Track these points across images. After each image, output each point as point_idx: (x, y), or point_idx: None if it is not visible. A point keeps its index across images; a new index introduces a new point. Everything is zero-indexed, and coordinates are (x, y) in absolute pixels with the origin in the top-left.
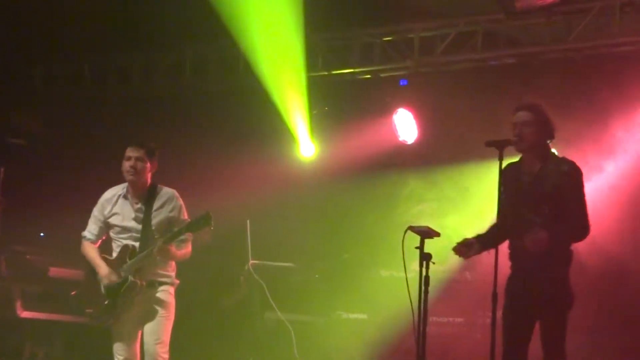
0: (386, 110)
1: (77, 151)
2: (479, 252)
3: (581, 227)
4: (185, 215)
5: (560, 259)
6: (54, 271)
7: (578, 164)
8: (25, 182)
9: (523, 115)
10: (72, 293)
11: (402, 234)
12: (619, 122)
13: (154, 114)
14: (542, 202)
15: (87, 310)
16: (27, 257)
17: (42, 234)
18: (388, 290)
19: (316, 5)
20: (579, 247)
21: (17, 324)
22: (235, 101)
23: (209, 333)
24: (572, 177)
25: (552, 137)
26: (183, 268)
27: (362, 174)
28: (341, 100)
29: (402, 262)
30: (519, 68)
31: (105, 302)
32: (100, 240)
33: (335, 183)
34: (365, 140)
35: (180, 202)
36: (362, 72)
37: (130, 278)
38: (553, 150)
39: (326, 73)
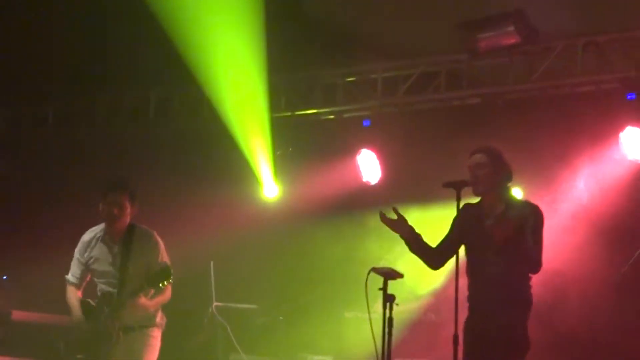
0: (350, 150)
1: (43, 193)
2: (407, 237)
3: (536, 264)
4: (165, 257)
5: (520, 303)
6: (17, 314)
7: (540, 203)
8: None
9: (477, 157)
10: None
11: (365, 275)
12: (582, 160)
13: (117, 156)
14: (510, 247)
15: (77, 356)
16: None
17: (4, 277)
18: (352, 331)
19: (279, 46)
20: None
21: None
22: (198, 142)
23: None
24: (535, 219)
25: (509, 179)
26: None
27: (325, 215)
28: (305, 141)
29: (366, 304)
30: (482, 108)
31: (92, 348)
32: (84, 283)
33: (299, 224)
34: (329, 181)
35: (159, 243)
36: (326, 112)
37: (107, 328)
38: (517, 189)
39: (289, 114)
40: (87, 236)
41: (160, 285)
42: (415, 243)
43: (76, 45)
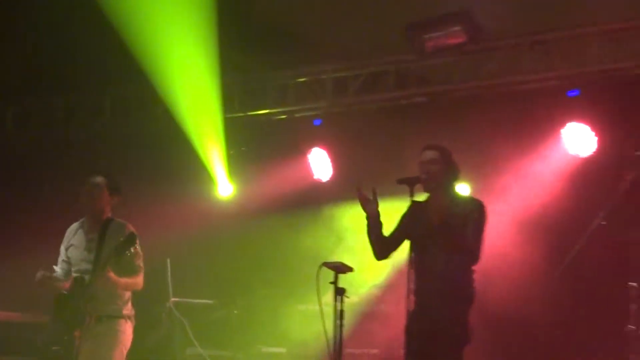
0: (301, 149)
1: (10, 195)
2: (372, 219)
3: (474, 255)
4: (137, 248)
5: (462, 298)
6: None
7: (486, 198)
8: None
9: (430, 154)
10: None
11: (317, 269)
12: (530, 157)
13: (74, 156)
14: (450, 239)
15: (53, 349)
16: None
17: None
18: (305, 323)
19: (231, 48)
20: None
21: None
22: (153, 143)
23: None
24: (479, 213)
25: (457, 177)
26: None
27: (278, 212)
28: (257, 141)
29: (317, 297)
30: (430, 107)
31: (65, 338)
32: (70, 278)
33: (253, 221)
34: (281, 179)
35: (130, 230)
36: (277, 112)
37: (79, 310)
38: (464, 185)
39: (242, 114)
40: (71, 227)
41: (127, 252)
42: (375, 227)
43: (33, 47)
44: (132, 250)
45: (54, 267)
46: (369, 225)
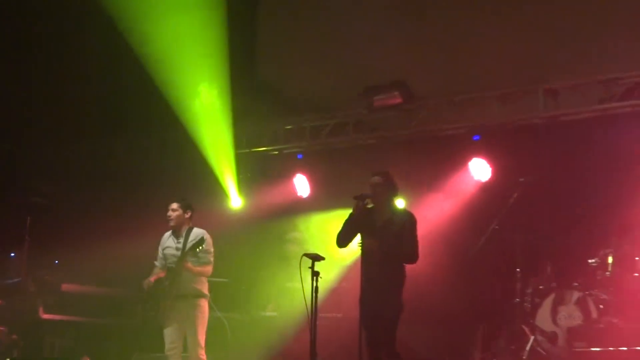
0: (288, 175)
1: (81, 206)
2: (357, 214)
3: (413, 255)
4: (210, 246)
5: (397, 279)
6: (65, 286)
7: (415, 211)
8: (44, 226)
9: (376, 178)
10: (139, 307)
11: (299, 258)
12: (444, 182)
13: (131, 183)
14: (391, 239)
15: (150, 313)
16: (46, 277)
17: (56, 262)
18: (291, 296)
19: (241, 103)
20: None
21: (39, 324)
22: (188, 173)
23: None
24: (411, 223)
25: (396, 194)
26: None
27: (274, 218)
28: (258, 169)
29: (300, 277)
30: (377, 146)
31: (158, 307)
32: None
33: (256, 224)
34: (275, 195)
35: (207, 237)
36: (272, 149)
37: (168, 289)
38: (400, 200)
39: (248, 150)
40: (165, 235)
41: (197, 250)
42: (356, 220)
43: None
44: (202, 247)
45: (155, 262)
46: (351, 216)
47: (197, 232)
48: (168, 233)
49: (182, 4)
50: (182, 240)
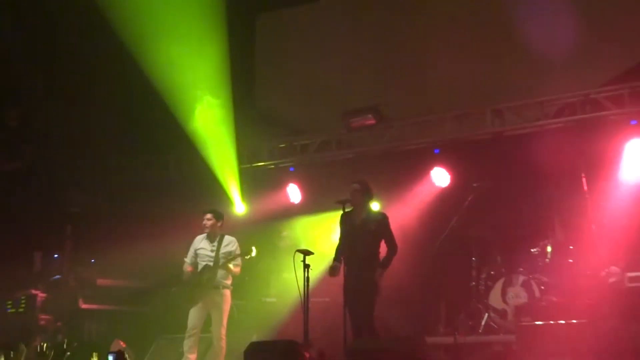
0: (283, 185)
1: (111, 214)
2: (339, 268)
3: (394, 247)
4: (238, 250)
5: (374, 267)
6: (100, 281)
7: (388, 213)
8: (82, 232)
9: (355, 185)
10: (173, 289)
11: (293, 253)
12: (407, 190)
13: (153, 194)
14: (368, 237)
15: (181, 297)
16: (84, 273)
17: (92, 260)
18: (287, 284)
19: (243, 125)
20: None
21: (79, 313)
22: (200, 185)
23: None
24: (385, 222)
25: (371, 199)
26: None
27: (272, 220)
28: (258, 180)
29: (294, 269)
30: (355, 160)
31: (191, 293)
32: (194, 265)
33: (256, 227)
34: (272, 202)
35: (237, 243)
36: (269, 164)
37: (208, 282)
38: (375, 203)
39: (249, 165)
40: (198, 237)
41: (247, 256)
42: (337, 266)
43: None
44: (251, 254)
45: (185, 259)
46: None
47: (229, 239)
48: (201, 236)
49: (189, 38)
50: (216, 244)
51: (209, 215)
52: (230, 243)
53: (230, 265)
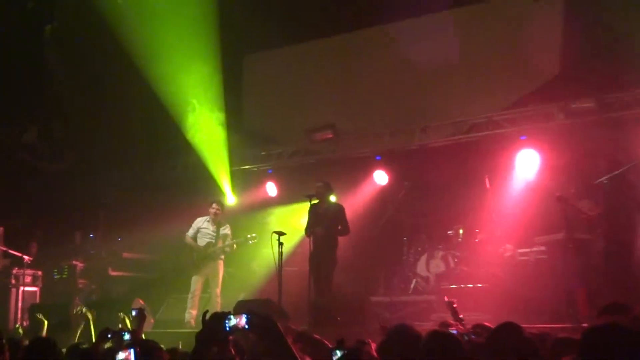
0: (263, 182)
1: (133, 205)
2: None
3: (347, 230)
4: (230, 232)
5: (333, 244)
6: (125, 254)
7: (344, 204)
8: (111, 217)
9: (318, 184)
10: (180, 257)
11: (271, 233)
12: (354, 188)
13: (165, 190)
14: (328, 222)
15: (188, 264)
16: (113, 248)
17: (119, 239)
18: (267, 257)
19: (235, 138)
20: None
21: (109, 278)
22: (200, 183)
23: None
24: (342, 211)
25: (331, 193)
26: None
27: (254, 211)
28: (245, 179)
29: (271, 245)
30: (318, 165)
31: (197, 260)
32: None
33: (243, 214)
34: (255, 196)
35: (230, 228)
36: (252, 167)
37: (213, 253)
38: (333, 197)
39: (238, 168)
40: (200, 218)
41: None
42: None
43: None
44: (230, 235)
45: (187, 233)
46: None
47: (225, 224)
48: (202, 218)
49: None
50: (216, 227)
51: (215, 205)
52: (226, 227)
53: (234, 245)
